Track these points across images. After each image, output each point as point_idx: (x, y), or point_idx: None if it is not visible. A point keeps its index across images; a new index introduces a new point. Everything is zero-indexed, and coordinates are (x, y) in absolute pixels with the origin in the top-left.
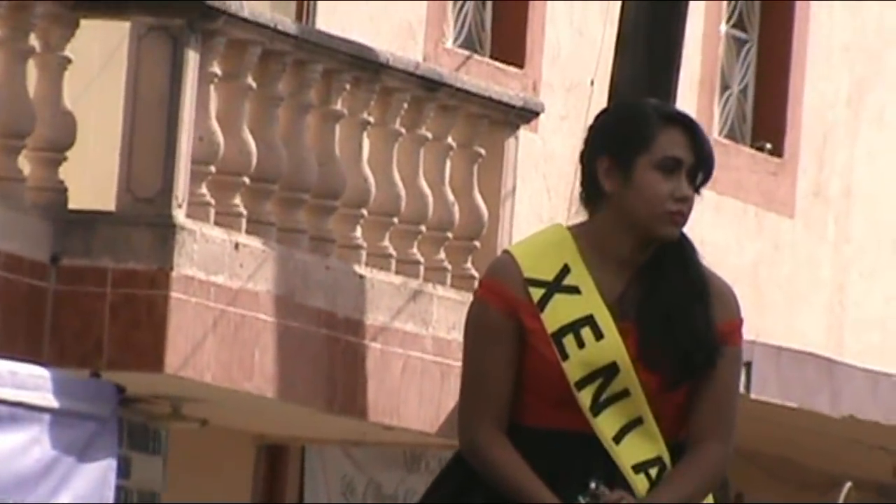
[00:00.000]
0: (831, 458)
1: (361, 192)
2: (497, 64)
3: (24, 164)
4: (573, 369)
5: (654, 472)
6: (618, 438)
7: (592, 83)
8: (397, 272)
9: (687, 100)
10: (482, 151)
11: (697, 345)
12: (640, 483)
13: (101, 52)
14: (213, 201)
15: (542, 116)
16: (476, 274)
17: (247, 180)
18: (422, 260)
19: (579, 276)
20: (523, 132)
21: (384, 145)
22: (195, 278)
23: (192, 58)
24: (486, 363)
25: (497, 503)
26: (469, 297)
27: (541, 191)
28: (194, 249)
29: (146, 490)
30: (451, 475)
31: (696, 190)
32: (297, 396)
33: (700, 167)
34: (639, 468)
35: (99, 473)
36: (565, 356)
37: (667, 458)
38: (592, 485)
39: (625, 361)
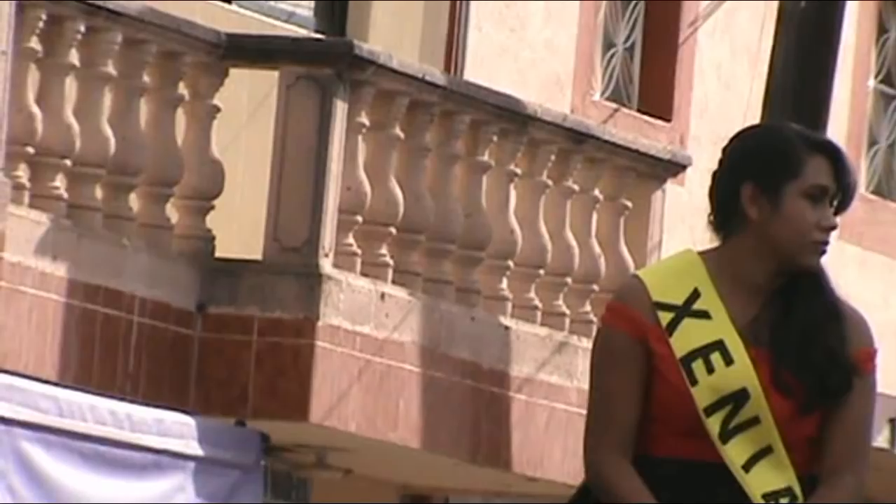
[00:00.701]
0: None
1: (508, 244)
2: (645, 117)
3: (172, 212)
4: (702, 395)
5: (784, 501)
6: (747, 467)
7: None
8: (543, 324)
9: None
10: (629, 204)
11: (833, 367)
12: None
13: (249, 100)
14: (359, 251)
15: (689, 170)
16: None
17: (393, 230)
18: (567, 312)
19: (710, 300)
20: (670, 185)
21: (531, 197)
22: (341, 328)
23: (340, 107)
24: (613, 388)
25: None
26: None
27: (687, 243)
28: (340, 299)
29: None
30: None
31: (837, 214)
32: (441, 447)
33: (842, 195)
34: (769, 497)
35: None
36: (694, 381)
37: (797, 490)
38: None
39: (755, 387)
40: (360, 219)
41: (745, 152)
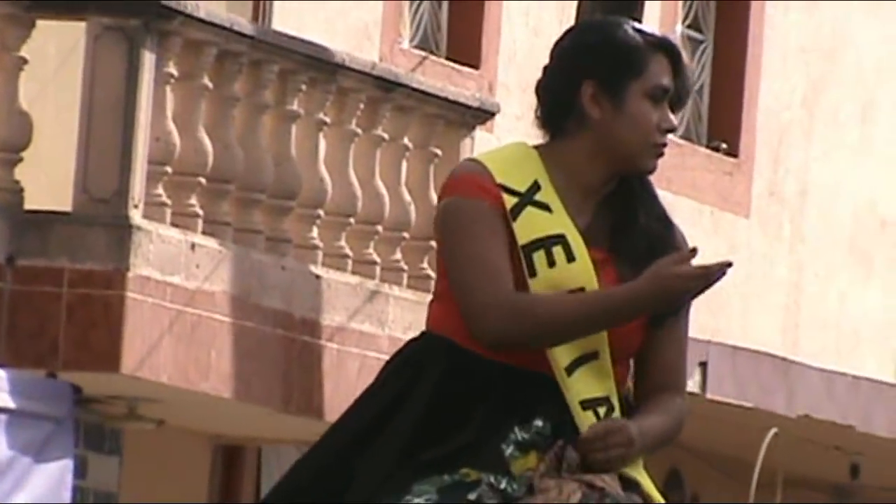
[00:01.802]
0: (787, 458)
1: (318, 193)
2: (453, 65)
3: None
4: (538, 288)
5: (602, 411)
6: (570, 369)
7: None
8: (354, 272)
9: None
10: (438, 152)
11: None
12: (587, 420)
13: (57, 52)
14: (169, 202)
15: (497, 117)
16: (432, 274)
17: (203, 181)
18: (378, 260)
19: (549, 194)
20: (479, 132)
21: (340, 145)
22: (151, 279)
23: (148, 58)
24: (486, 248)
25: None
26: (426, 297)
27: None
28: (150, 250)
29: (103, 490)
30: (398, 372)
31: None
32: (253, 397)
33: (678, 96)
34: (587, 405)
35: (55, 474)
36: (533, 273)
37: (615, 401)
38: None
39: (592, 286)
40: (169, 169)
41: (587, 48)
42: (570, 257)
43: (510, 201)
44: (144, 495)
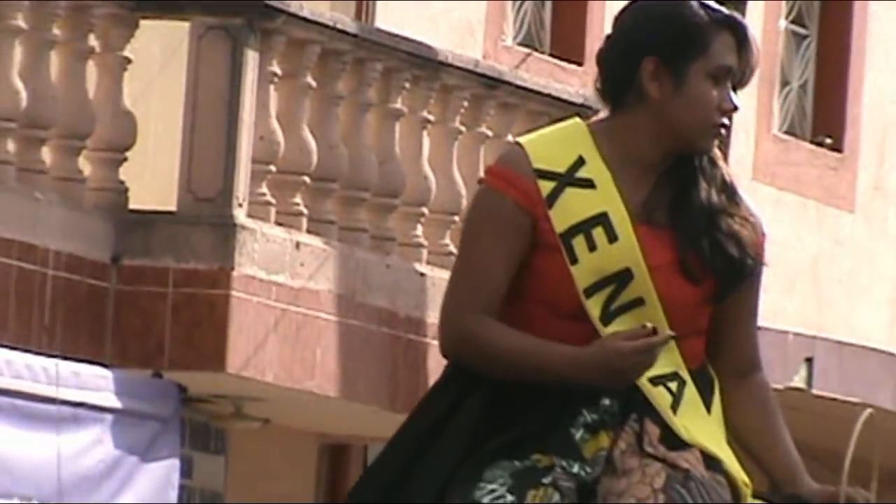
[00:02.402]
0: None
1: (422, 191)
2: (557, 61)
3: (85, 164)
4: (582, 274)
5: (673, 386)
6: None
7: None
8: None
9: (747, 95)
10: None
11: (742, 253)
12: (659, 396)
13: (160, 52)
14: (273, 200)
15: (601, 113)
16: None
17: (307, 179)
18: None
19: (595, 168)
20: None
21: (444, 143)
22: (256, 278)
23: (251, 57)
24: (489, 253)
25: (499, 399)
26: None
27: None
28: (255, 249)
29: (209, 490)
30: (446, 386)
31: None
32: (359, 395)
33: (742, 75)
34: (656, 381)
35: (162, 473)
36: (574, 260)
37: (685, 375)
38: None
39: (640, 267)
40: (273, 168)
41: (650, 23)
42: (612, 237)
43: (547, 187)
44: (250, 495)
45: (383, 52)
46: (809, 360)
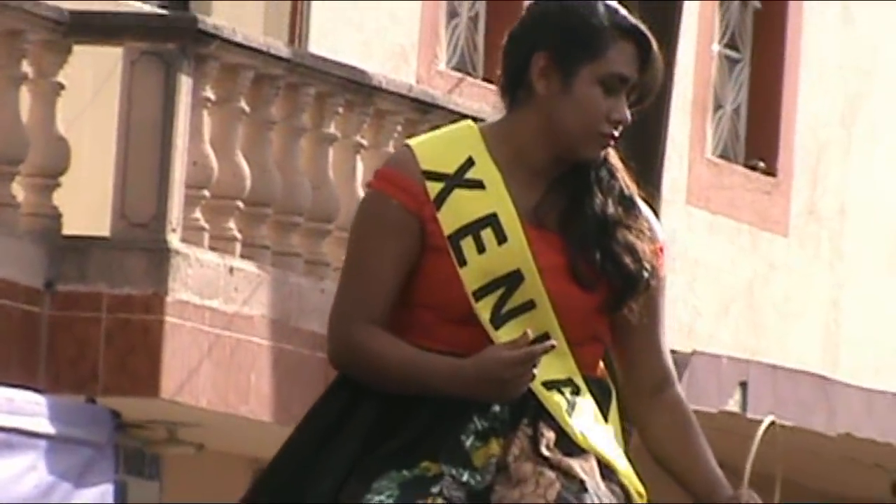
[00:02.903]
0: (828, 477)
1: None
2: (490, 86)
3: (18, 190)
4: (471, 277)
5: (567, 392)
6: None
7: None
8: None
9: (680, 119)
10: None
11: (637, 264)
12: (552, 400)
13: (94, 77)
14: (207, 226)
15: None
16: None
17: (241, 204)
18: None
19: (485, 169)
20: None
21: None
22: (190, 303)
23: (185, 82)
24: (374, 260)
25: (391, 410)
26: None
27: None
28: (189, 274)
29: None
30: (335, 393)
31: (631, 107)
32: (293, 420)
33: (640, 91)
34: (550, 386)
35: (96, 499)
36: (463, 262)
37: (580, 382)
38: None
39: (530, 269)
40: (207, 193)
41: (546, 18)
42: (501, 238)
43: (435, 188)
44: None
45: (317, 77)
46: (744, 385)
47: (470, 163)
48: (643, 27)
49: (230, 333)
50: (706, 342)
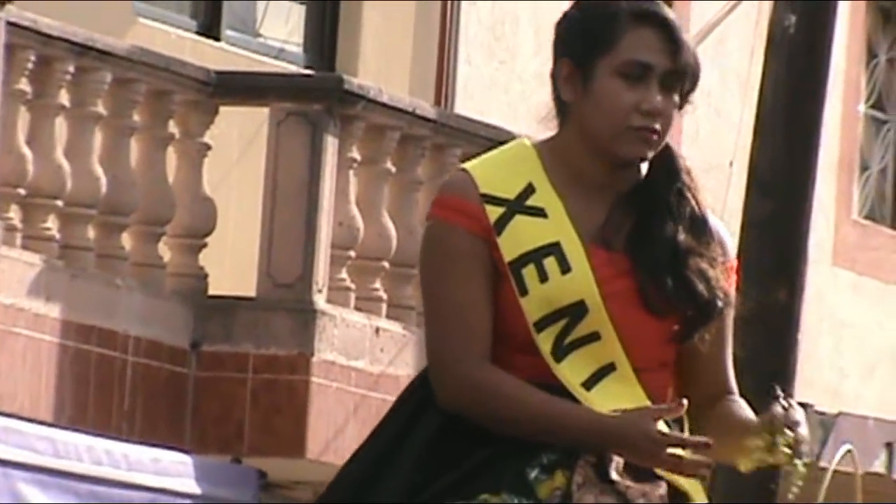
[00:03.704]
0: None
1: None
2: None
3: (165, 250)
4: (532, 307)
5: None
6: (588, 385)
7: (731, 164)
8: None
9: (826, 179)
10: None
11: (713, 293)
12: None
13: (240, 137)
14: (352, 286)
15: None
16: None
17: (386, 265)
18: None
19: (546, 197)
20: None
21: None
22: (336, 363)
23: (330, 143)
24: (464, 293)
25: (453, 427)
26: None
27: None
28: (335, 334)
29: None
30: (398, 409)
31: (682, 102)
32: None
33: (680, 74)
34: None
35: None
36: (524, 291)
37: None
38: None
39: (594, 300)
40: (352, 253)
41: (564, 25)
42: (565, 268)
43: (495, 213)
44: None
45: (462, 138)
46: (889, 445)
47: (530, 189)
48: (664, 12)
49: (376, 394)
50: (852, 403)
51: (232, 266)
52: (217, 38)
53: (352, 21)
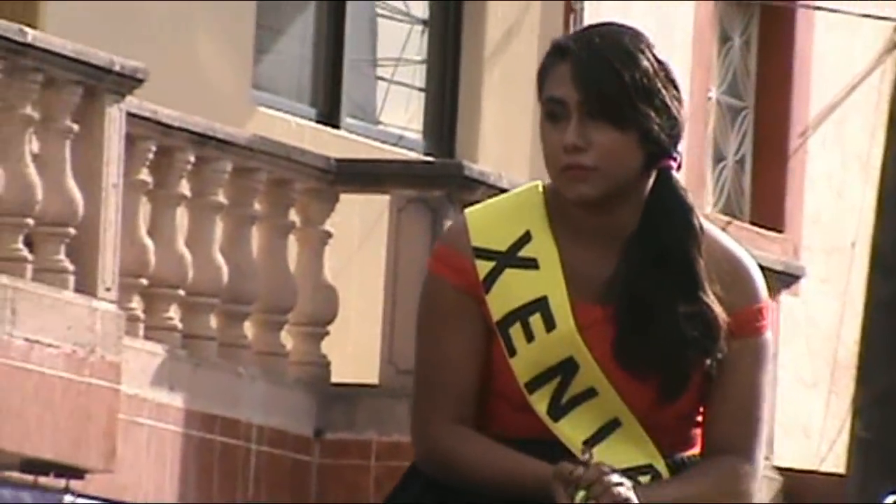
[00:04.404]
0: None
1: None
2: (757, 229)
3: (287, 338)
4: (521, 368)
5: (645, 480)
6: (592, 443)
7: (854, 246)
8: None
9: None
10: None
11: (683, 344)
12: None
13: (361, 225)
14: None
15: (803, 280)
16: None
17: None
18: None
19: (541, 245)
20: (785, 296)
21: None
22: None
23: None
24: (444, 351)
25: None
26: None
27: (803, 354)
28: None
29: None
30: (407, 486)
31: (621, 126)
32: None
33: (596, 99)
34: (622, 475)
35: None
36: (513, 352)
37: (661, 467)
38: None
39: (584, 357)
40: None
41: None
42: (550, 325)
43: (485, 268)
44: None
45: None
46: None
47: (526, 238)
48: (578, 39)
49: None
50: None
51: (354, 353)
52: (337, 126)
53: (471, 107)
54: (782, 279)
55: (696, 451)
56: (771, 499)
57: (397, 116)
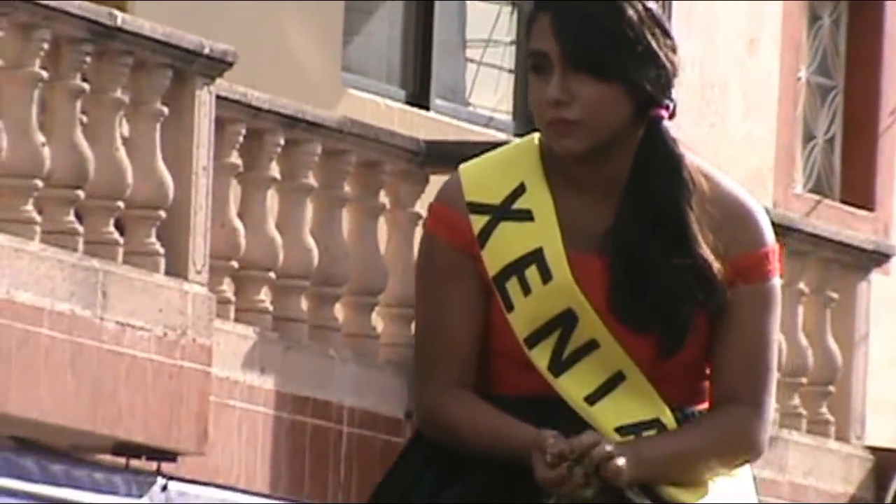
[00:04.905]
0: None
1: None
2: (847, 208)
3: (377, 320)
4: (520, 323)
5: (651, 433)
6: (593, 399)
7: None
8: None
9: None
10: (835, 296)
11: (677, 296)
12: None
13: None
14: None
15: (893, 259)
16: (831, 419)
17: None
18: (777, 406)
19: (536, 197)
20: (875, 275)
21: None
22: None
23: None
24: (442, 311)
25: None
26: (826, 442)
27: (893, 333)
28: None
29: None
30: (409, 455)
31: (605, 77)
32: None
33: (577, 52)
34: (627, 431)
35: None
36: (510, 307)
37: (670, 423)
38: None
39: (583, 307)
40: None
41: None
42: (546, 277)
43: (479, 223)
44: None
45: None
46: None
47: (521, 189)
48: None
49: None
50: None
51: None
52: (426, 108)
53: None
54: (873, 258)
55: (707, 405)
56: (863, 478)
57: (487, 98)
